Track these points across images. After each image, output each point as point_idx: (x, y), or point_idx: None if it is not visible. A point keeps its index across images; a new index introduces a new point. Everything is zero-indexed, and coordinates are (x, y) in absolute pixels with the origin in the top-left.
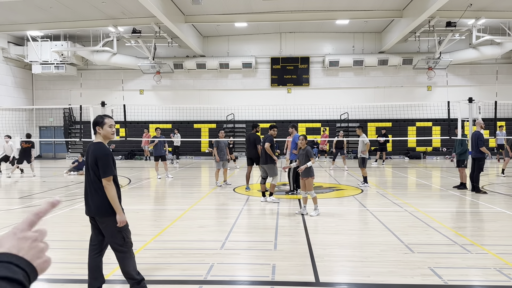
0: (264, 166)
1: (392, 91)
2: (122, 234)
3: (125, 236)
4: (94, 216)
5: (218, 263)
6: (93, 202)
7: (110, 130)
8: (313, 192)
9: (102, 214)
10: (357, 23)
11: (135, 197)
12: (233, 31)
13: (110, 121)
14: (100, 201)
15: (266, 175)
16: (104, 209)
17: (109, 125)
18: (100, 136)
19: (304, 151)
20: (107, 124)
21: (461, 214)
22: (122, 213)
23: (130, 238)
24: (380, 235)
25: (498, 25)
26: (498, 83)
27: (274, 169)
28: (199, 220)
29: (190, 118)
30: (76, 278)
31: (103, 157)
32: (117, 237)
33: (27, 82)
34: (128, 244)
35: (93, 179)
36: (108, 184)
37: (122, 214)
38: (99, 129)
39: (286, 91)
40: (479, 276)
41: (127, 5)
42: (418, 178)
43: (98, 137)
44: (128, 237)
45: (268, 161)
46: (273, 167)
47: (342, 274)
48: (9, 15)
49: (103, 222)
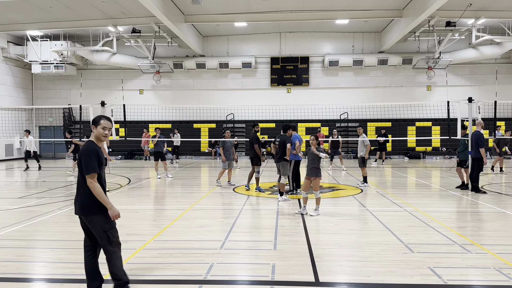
0: (278, 164)
1: (391, 91)
2: (108, 233)
3: (110, 236)
4: (80, 215)
5: (218, 263)
6: (78, 200)
7: (103, 131)
8: (319, 192)
9: (86, 213)
10: (356, 22)
11: (134, 197)
12: (232, 31)
13: (105, 123)
14: (83, 200)
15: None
16: (87, 207)
17: (102, 126)
18: (94, 135)
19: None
20: (101, 125)
21: (460, 214)
22: (113, 207)
23: (116, 237)
24: (379, 235)
25: (497, 25)
26: (498, 83)
27: (287, 168)
28: (199, 220)
29: (189, 118)
30: (76, 278)
31: (87, 154)
32: (102, 237)
33: (26, 82)
34: (114, 244)
35: (79, 178)
36: (91, 182)
37: (113, 208)
38: (93, 128)
39: (285, 91)
40: (478, 275)
41: (127, 5)
42: (417, 178)
43: (92, 136)
44: (114, 236)
45: (281, 159)
46: (285, 166)
47: (341, 274)
48: (9, 15)
49: (89, 221)
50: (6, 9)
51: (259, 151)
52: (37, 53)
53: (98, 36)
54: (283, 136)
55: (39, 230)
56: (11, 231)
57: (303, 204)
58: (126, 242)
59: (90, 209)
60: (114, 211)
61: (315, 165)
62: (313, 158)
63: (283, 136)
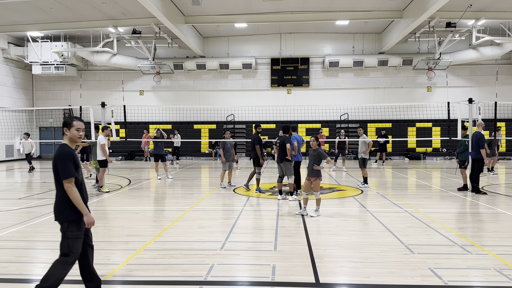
0: (281, 164)
1: (392, 92)
2: (69, 242)
3: (70, 246)
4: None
5: (218, 263)
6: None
7: (77, 133)
8: (319, 193)
9: (58, 218)
10: (357, 23)
11: (135, 198)
12: (233, 32)
13: (78, 124)
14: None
15: (283, 174)
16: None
17: (76, 128)
18: (67, 137)
19: (316, 152)
20: (74, 127)
21: (461, 215)
22: (89, 213)
23: (75, 251)
24: (380, 236)
25: (498, 26)
26: (498, 83)
27: (290, 168)
28: (199, 220)
29: (190, 119)
30: (77, 279)
31: (62, 158)
32: (63, 244)
33: (27, 83)
34: (71, 255)
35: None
36: (69, 187)
37: (89, 214)
38: (66, 131)
39: (286, 91)
40: (479, 277)
41: (127, 6)
42: (418, 179)
43: (64, 138)
44: (75, 248)
45: (283, 160)
46: (288, 166)
47: (342, 275)
48: (9, 16)
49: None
50: (6, 10)
51: (260, 152)
52: (38, 54)
53: (99, 37)
54: (282, 137)
55: (40, 231)
56: (11, 232)
57: (304, 205)
58: (126, 243)
59: (64, 215)
60: (90, 217)
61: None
62: (314, 159)
63: (282, 137)
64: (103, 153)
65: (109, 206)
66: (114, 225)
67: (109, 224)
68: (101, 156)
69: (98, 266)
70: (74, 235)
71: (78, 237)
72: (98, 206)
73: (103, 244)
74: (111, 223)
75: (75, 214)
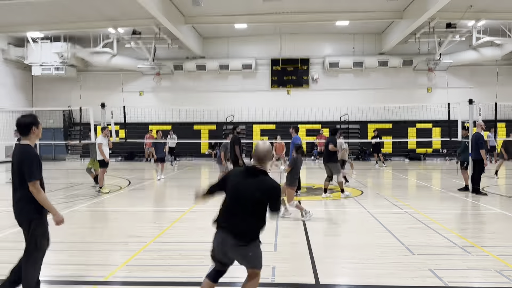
0: (328, 165)
1: (392, 93)
2: (36, 240)
3: (38, 242)
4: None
5: None
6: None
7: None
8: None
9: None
10: (357, 24)
11: (134, 199)
12: (233, 33)
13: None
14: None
15: (331, 174)
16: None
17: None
18: (34, 137)
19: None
20: (41, 124)
21: (461, 216)
22: (58, 212)
23: (44, 246)
24: (380, 236)
25: (498, 27)
26: (498, 84)
27: (337, 167)
28: (199, 221)
29: (190, 120)
30: (77, 279)
31: (29, 159)
32: (30, 242)
33: (27, 84)
34: (39, 251)
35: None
36: (36, 188)
37: (58, 213)
38: (34, 130)
39: (286, 92)
40: (479, 277)
41: (127, 7)
42: (418, 180)
43: (29, 138)
44: (42, 243)
45: (330, 160)
46: (334, 165)
47: (342, 276)
48: (9, 16)
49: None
50: (6, 10)
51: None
52: (37, 55)
53: (98, 38)
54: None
55: None
56: (11, 232)
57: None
58: (126, 244)
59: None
60: (59, 216)
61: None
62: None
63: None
64: (100, 153)
65: (108, 207)
66: (114, 226)
67: (108, 225)
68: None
69: (97, 267)
70: (41, 232)
71: (44, 234)
72: (98, 207)
73: (103, 245)
74: (111, 224)
75: (39, 212)
